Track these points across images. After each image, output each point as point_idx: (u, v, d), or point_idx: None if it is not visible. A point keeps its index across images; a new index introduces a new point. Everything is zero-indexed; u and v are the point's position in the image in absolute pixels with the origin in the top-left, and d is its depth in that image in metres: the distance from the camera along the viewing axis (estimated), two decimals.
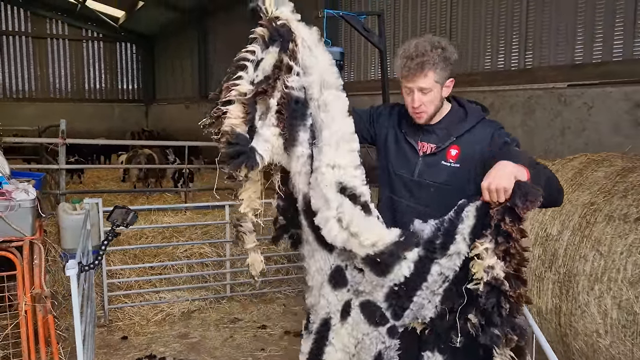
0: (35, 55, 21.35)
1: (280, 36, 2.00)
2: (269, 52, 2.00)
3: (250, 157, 1.94)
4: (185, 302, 4.96)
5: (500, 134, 2.12)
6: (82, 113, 21.28)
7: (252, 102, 1.98)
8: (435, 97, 2.10)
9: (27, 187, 3.40)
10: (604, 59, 5.22)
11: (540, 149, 5.50)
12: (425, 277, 1.95)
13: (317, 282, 2.15)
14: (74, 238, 4.53)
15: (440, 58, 2.04)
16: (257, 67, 2.00)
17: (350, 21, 4.19)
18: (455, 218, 1.94)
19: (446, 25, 7.36)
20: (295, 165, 2.05)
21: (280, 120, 1.99)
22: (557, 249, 3.09)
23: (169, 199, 9.99)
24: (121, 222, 3.01)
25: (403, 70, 2.08)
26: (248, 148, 1.95)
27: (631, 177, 3.07)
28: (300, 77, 2.01)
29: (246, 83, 1.97)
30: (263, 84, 1.98)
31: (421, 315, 1.99)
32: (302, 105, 2.01)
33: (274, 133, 1.99)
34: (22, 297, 3.17)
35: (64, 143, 6.84)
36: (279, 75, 2.00)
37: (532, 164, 1.96)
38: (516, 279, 1.82)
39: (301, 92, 2.00)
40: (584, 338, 2.84)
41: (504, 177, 1.82)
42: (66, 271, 2.52)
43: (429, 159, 2.17)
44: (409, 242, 1.93)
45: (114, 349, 4.13)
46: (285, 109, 1.99)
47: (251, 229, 2.24)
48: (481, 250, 1.84)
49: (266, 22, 2.01)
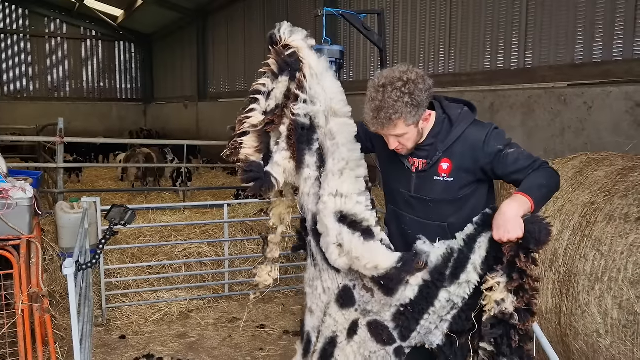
0: (33, 54, 21.34)
1: (289, 66, 2.14)
2: (280, 81, 2.15)
3: (265, 181, 2.10)
4: (184, 302, 4.94)
5: (491, 140, 2.05)
6: (81, 112, 21.28)
7: (263, 132, 2.14)
8: (411, 136, 2.06)
9: (25, 185, 3.38)
10: (604, 59, 5.21)
11: (540, 149, 5.49)
12: (432, 302, 1.99)
13: (322, 304, 2.22)
14: (71, 237, 4.51)
15: (408, 106, 1.95)
16: (269, 96, 2.15)
17: (350, 20, 4.17)
18: (467, 248, 1.97)
19: (446, 24, 7.35)
20: (304, 187, 2.17)
21: (290, 145, 2.13)
22: (558, 249, 3.07)
23: (168, 198, 9.97)
24: (119, 221, 2.99)
25: (372, 125, 2.03)
26: (262, 173, 2.11)
27: (632, 176, 3.06)
28: (307, 104, 2.12)
29: (258, 114, 2.12)
30: (272, 114, 2.13)
31: (428, 341, 2.03)
32: (307, 131, 2.12)
33: (285, 157, 2.14)
34: (19, 296, 3.15)
35: (62, 142, 6.82)
36: (286, 104, 2.14)
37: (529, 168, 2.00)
38: (526, 311, 1.85)
39: (307, 118, 2.12)
40: (584, 338, 2.82)
41: (511, 225, 1.85)
42: (64, 270, 2.50)
43: (422, 175, 2.15)
44: (408, 268, 1.99)
45: (112, 349, 4.11)
46: (292, 135, 2.12)
47: (278, 242, 2.42)
48: (493, 283, 1.89)
49: (275, 55, 2.15)
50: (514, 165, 2.03)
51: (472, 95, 6.48)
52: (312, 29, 6.67)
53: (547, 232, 1.82)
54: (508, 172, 2.05)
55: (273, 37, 2.20)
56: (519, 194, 1.93)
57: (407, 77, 1.96)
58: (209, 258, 5.36)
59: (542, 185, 1.97)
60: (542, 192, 1.97)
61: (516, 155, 2.03)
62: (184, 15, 17.59)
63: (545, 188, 1.98)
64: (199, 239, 5.59)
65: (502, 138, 2.08)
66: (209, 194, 10.25)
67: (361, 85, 9.07)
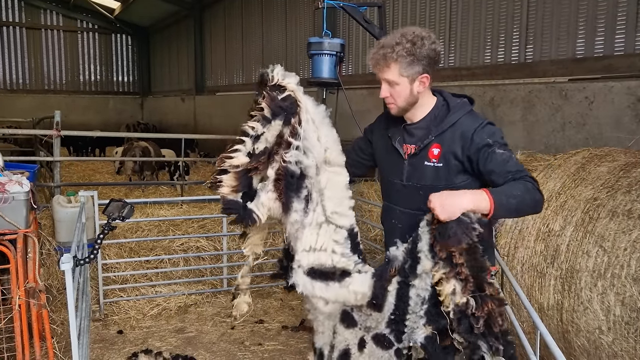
0: (29, 46, 21.15)
1: (284, 110, 2.07)
2: (272, 125, 2.08)
3: (245, 218, 2.09)
4: (182, 296, 4.92)
5: (483, 133, 2.03)
6: (77, 105, 21.16)
7: (243, 175, 2.10)
8: (403, 90, 2.08)
9: (21, 179, 3.34)
10: (605, 53, 5.18)
11: (540, 144, 5.46)
12: (408, 301, 2.02)
13: (329, 326, 2.27)
14: (68, 231, 4.47)
15: (406, 52, 2.02)
16: (259, 139, 2.09)
17: (351, 12, 4.13)
18: (416, 237, 1.99)
19: (446, 18, 7.30)
20: (291, 229, 2.17)
21: (277, 187, 2.08)
22: (560, 245, 3.05)
23: (165, 192, 9.93)
24: (117, 216, 2.95)
25: (369, 59, 2.12)
26: (241, 210, 2.09)
27: (635, 172, 3.04)
28: (299, 152, 2.09)
29: (242, 155, 2.08)
30: (256, 161, 2.08)
31: (413, 339, 2.04)
32: (297, 180, 2.09)
33: (271, 198, 2.09)
34: (15, 291, 3.12)
35: (59, 135, 6.76)
36: (277, 151, 2.09)
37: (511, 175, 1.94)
38: (482, 297, 1.83)
39: (297, 167, 2.08)
40: (586, 334, 2.81)
41: (449, 208, 1.84)
42: (61, 265, 2.47)
43: (413, 161, 2.15)
44: (385, 278, 2.04)
45: (110, 344, 4.08)
46: (281, 180, 2.08)
47: (247, 272, 2.41)
48: (439, 276, 1.89)
49: (268, 99, 2.07)
50: (497, 166, 1.97)
51: (472, 90, 6.45)
52: (311, 21, 6.71)
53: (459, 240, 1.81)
54: (488, 170, 2.00)
55: (264, 76, 2.14)
56: (485, 191, 1.88)
57: (419, 32, 2.06)
58: (207, 252, 5.33)
59: (513, 196, 1.89)
60: (510, 203, 1.88)
61: (503, 158, 1.97)
62: (181, 7, 17.47)
63: (515, 200, 1.89)
64: (197, 233, 5.56)
65: (495, 135, 2.04)
66: (207, 187, 10.18)
67: (361, 78, 9.08)
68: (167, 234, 5.56)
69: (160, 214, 6.13)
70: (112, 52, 22.89)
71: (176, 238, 5.42)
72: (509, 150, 2.03)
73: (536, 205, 1.95)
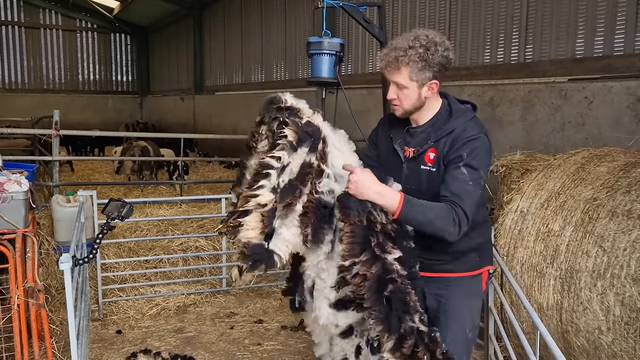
0: (28, 45, 21.09)
1: (310, 136, 1.90)
2: (298, 154, 1.89)
3: (267, 261, 1.87)
4: (181, 296, 4.91)
5: (465, 145, 2.02)
6: (76, 104, 21.12)
7: (271, 213, 1.86)
8: (411, 94, 2.07)
9: (20, 178, 3.33)
10: (605, 53, 5.17)
11: (540, 144, 5.46)
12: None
13: (327, 337, 2.27)
14: (67, 230, 4.46)
15: (419, 57, 1.99)
16: (284, 171, 1.89)
17: (350, 12, 4.12)
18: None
19: (445, 17, 7.29)
20: (312, 259, 2.04)
21: (304, 222, 1.90)
22: (559, 245, 3.05)
23: (164, 192, 9.92)
24: (116, 215, 2.95)
25: (380, 60, 2.10)
26: (264, 254, 1.87)
27: (634, 172, 3.03)
28: (330, 179, 1.96)
29: (267, 192, 1.84)
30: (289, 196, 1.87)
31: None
32: (330, 210, 1.95)
33: (295, 233, 1.91)
34: (14, 291, 3.11)
35: (58, 134, 6.75)
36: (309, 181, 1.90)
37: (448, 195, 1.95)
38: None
39: (330, 196, 1.95)
40: (586, 335, 2.80)
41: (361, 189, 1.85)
42: (60, 265, 2.46)
43: (411, 165, 2.16)
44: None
45: (109, 343, 4.08)
46: (311, 212, 1.91)
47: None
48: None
49: (293, 125, 1.90)
50: (448, 180, 1.98)
51: (471, 90, 6.45)
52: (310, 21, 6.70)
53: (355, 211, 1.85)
54: (443, 178, 2.02)
55: (275, 100, 2.00)
56: (401, 196, 1.90)
57: (433, 36, 2.03)
58: (206, 252, 5.33)
59: (424, 214, 1.91)
60: (417, 219, 1.91)
61: (459, 177, 1.97)
62: (180, 6, 17.45)
63: (424, 218, 1.91)
64: (196, 232, 5.56)
65: (474, 154, 2.01)
66: (206, 187, 10.20)
67: (361, 78, 9.06)
68: (166, 234, 5.56)
69: (160, 214, 6.13)
70: (111, 51, 22.84)
71: (175, 238, 5.42)
72: (477, 176, 2.00)
73: (444, 235, 1.94)
